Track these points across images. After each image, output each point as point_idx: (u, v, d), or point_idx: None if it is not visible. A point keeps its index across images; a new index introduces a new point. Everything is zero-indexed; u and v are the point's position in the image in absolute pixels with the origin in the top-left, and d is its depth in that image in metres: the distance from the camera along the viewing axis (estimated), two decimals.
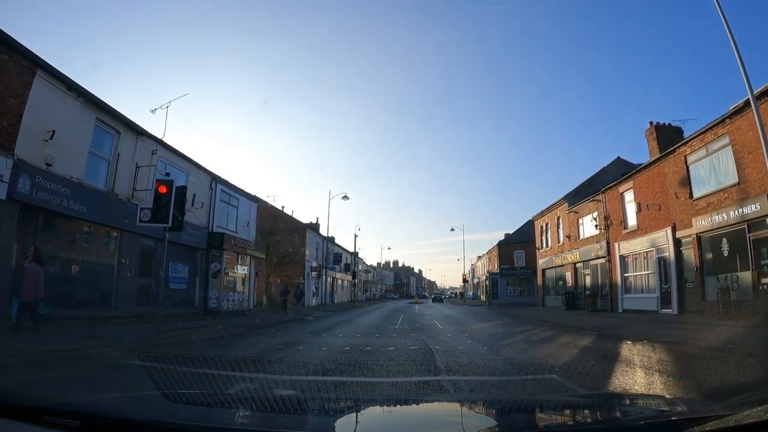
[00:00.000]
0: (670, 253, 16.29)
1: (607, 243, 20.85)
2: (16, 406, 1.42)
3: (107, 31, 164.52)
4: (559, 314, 19.94)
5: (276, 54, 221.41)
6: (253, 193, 22.73)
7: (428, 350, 8.15)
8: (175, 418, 1.59)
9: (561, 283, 27.18)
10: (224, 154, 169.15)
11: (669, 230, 16.24)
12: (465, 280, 57.74)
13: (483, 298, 53.29)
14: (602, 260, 21.40)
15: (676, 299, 15.89)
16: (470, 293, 64.66)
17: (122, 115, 13.59)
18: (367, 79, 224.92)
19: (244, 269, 20.58)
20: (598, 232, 21.73)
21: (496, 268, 46.19)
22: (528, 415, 1.99)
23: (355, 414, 1.98)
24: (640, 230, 18.23)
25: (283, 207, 37.33)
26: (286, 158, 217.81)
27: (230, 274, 19.40)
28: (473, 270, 68.14)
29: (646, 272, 18.14)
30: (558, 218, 27.64)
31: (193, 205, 16.89)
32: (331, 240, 43.83)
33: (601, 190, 21.69)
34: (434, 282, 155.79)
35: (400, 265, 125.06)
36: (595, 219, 21.75)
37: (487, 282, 49.31)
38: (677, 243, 15.97)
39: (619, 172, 22.58)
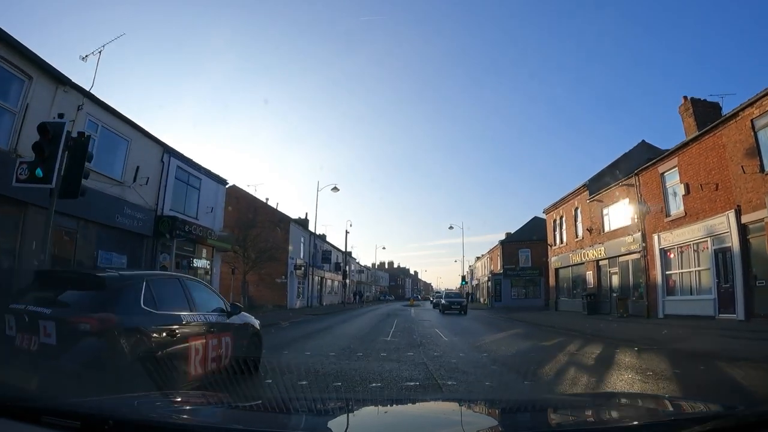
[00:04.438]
0: (732, 243, 12.98)
1: (643, 235, 17.44)
2: (16, 406, 1.40)
3: (107, 30, 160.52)
4: (583, 321, 16.76)
5: (274, 56, 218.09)
6: (221, 174, 19.15)
7: (436, 389, 4.73)
8: (175, 418, 1.59)
9: (580, 283, 23.81)
10: (222, 154, 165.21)
11: (731, 214, 12.93)
12: (465, 281, 54.14)
13: (484, 300, 50.14)
14: (635, 255, 17.99)
15: (741, 301, 12.58)
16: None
17: (36, 55, 10.08)
18: (366, 80, 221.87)
19: (204, 263, 17.04)
20: (629, 222, 18.32)
21: (499, 269, 42.87)
22: (528, 414, 1.92)
23: (353, 414, 1.87)
24: (689, 217, 14.88)
25: (267, 199, 33.45)
26: (285, 159, 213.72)
27: (188, 268, 15.87)
28: (472, 271, 64.95)
29: (696, 268, 14.79)
30: (576, 209, 24.23)
31: (135, 180, 13.48)
32: (321, 237, 40.33)
33: (633, 172, 18.34)
34: (430, 284, 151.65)
35: (395, 266, 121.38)
36: (629, 207, 18.30)
37: (489, 283, 46.04)
38: (743, 230, 12.66)
39: (644, 157, 19.93)
